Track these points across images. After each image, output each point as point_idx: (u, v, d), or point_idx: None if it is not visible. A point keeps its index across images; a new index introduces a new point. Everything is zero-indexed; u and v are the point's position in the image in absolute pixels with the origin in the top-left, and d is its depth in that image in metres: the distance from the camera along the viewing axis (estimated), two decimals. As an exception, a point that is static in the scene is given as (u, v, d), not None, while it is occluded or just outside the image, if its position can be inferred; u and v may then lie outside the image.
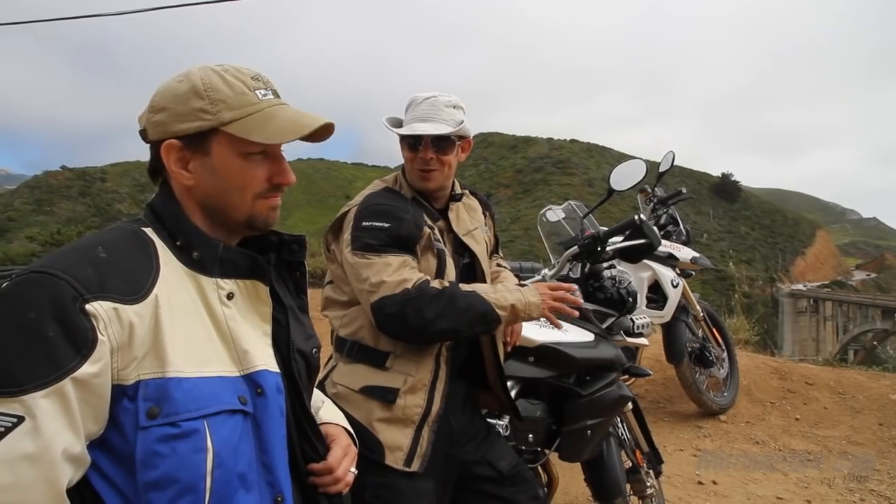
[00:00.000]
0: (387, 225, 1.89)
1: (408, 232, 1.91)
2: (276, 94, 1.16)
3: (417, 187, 2.04)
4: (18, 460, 0.86)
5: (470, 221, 2.16)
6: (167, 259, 1.07)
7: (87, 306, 0.92)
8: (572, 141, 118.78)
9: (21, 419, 0.87)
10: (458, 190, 2.16)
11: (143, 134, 1.12)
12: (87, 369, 0.91)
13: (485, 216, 2.27)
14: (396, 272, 1.83)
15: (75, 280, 0.93)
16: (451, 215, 2.10)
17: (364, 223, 1.91)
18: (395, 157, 2.21)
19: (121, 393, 0.96)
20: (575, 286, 2.11)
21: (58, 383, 0.89)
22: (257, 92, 1.12)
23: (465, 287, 1.91)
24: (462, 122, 2.00)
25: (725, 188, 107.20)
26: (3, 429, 0.86)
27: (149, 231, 1.10)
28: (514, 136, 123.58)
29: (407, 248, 1.91)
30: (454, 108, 2.00)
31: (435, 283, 1.87)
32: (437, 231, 2.01)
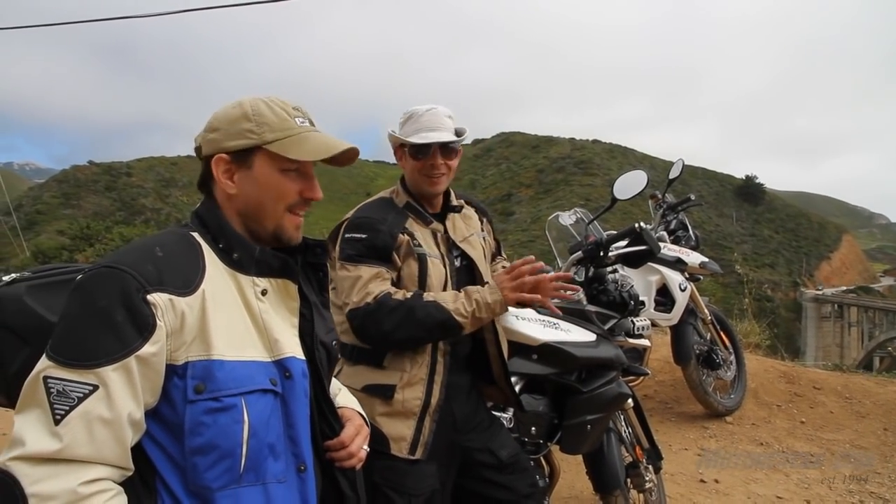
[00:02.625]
0: (363, 236, 2.09)
1: (382, 242, 2.08)
2: (312, 123, 1.37)
3: (426, 192, 2.20)
4: (94, 421, 1.06)
5: (466, 228, 2.31)
6: (211, 259, 1.26)
7: (149, 297, 1.12)
8: (594, 141, 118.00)
9: (95, 387, 1.07)
10: (454, 200, 2.31)
11: (198, 150, 1.33)
12: (147, 349, 1.11)
13: (482, 222, 2.43)
14: (364, 286, 2.01)
15: (139, 274, 1.13)
16: (448, 224, 2.26)
17: (347, 235, 2.12)
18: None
19: (172, 371, 1.15)
20: (532, 257, 2.14)
21: (125, 359, 1.09)
22: (296, 119, 1.33)
23: (427, 297, 2.04)
24: (464, 131, 2.19)
25: (749, 191, 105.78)
26: (81, 394, 1.06)
27: (196, 235, 1.30)
28: (537, 136, 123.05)
29: (382, 258, 2.08)
30: (450, 118, 2.19)
31: (398, 295, 2.02)
32: (417, 237, 2.15)
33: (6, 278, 1.37)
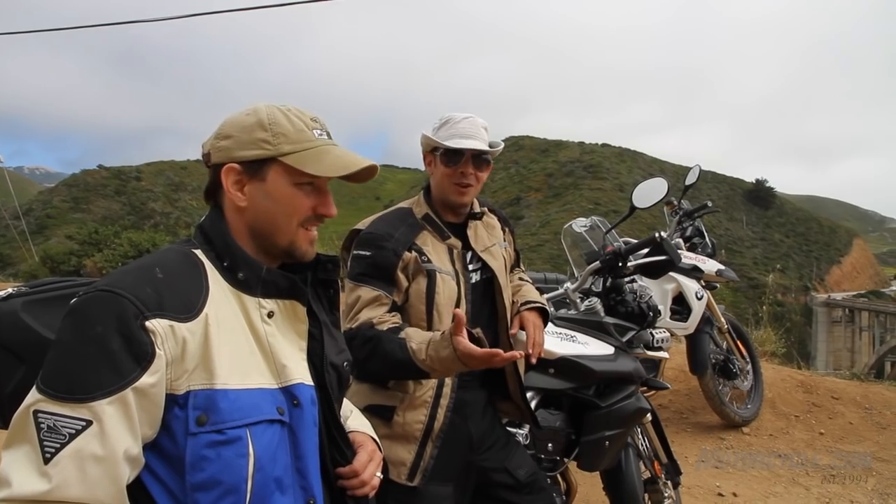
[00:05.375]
0: (368, 253, 2.01)
1: (385, 260, 1.99)
2: (330, 136, 1.28)
3: (452, 202, 2.11)
4: (87, 459, 0.97)
5: (488, 238, 2.22)
6: (215, 279, 1.18)
7: (147, 323, 1.04)
8: (604, 145, 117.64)
9: (89, 423, 0.98)
10: (477, 208, 2.23)
11: (207, 157, 1.24)
12: (145, 380, 1.02)
13: (504, 232, 2.33)
14: (357, 311, 1.95)
15: (137, 299, 1.05)
16: (470, 232, 2.17)
17: (355, 251, 2.05)
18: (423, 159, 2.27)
19: (172, 401, 1.07)
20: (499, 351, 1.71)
21: (121, 392, 1.00)
22: (314, 131, 1.24)
23: (403, 332, 1.87)
24: (498, 144, 2.12)
25: (759, 195, 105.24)
26: (73, 431, 0.97)
27: (199, 252, 1.21)
28: (545, 140, 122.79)
29: (384, 278, 1.99)
30: (486, 129, 2.11)
31: (384, 325, 1.90)
32: (427, 252, 2.05)
33: (2, 293, 1.30)
